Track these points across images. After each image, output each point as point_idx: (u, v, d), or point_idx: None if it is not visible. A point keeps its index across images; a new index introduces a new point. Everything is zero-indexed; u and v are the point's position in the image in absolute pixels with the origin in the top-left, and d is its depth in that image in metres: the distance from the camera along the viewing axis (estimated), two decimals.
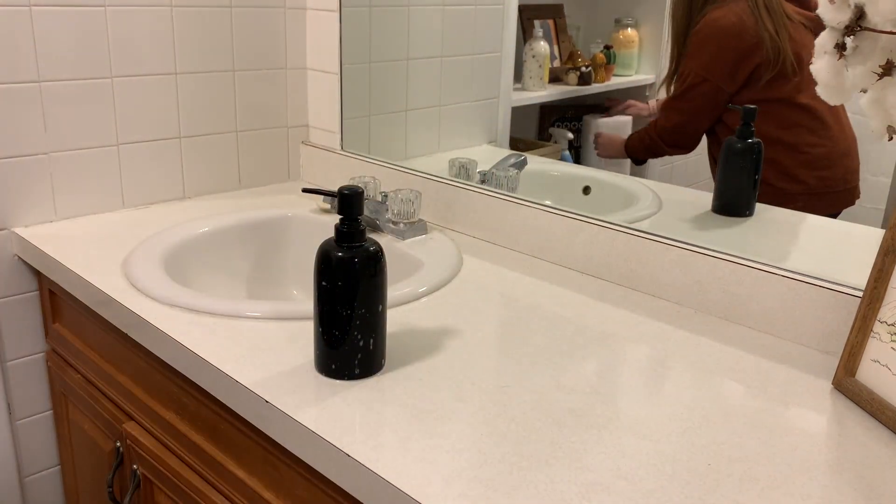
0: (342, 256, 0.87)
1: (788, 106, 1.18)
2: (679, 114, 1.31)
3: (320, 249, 0.88)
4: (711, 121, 1.26)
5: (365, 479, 0.74)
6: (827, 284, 0.99)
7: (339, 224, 0.88)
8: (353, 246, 0.87)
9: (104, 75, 1.39)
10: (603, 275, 1.21)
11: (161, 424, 1.11)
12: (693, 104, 1.29)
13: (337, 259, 0.86)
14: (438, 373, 0.91)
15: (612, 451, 0.77)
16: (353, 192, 0.87)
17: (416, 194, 1.35)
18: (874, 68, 0.77)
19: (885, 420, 0.83)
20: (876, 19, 0.76)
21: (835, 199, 1.19)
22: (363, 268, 0.87)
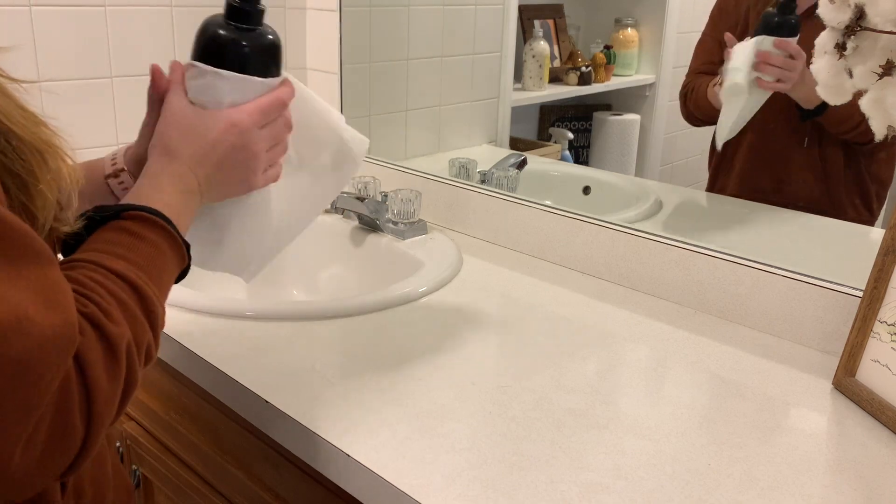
0: (227, 37, 0.69)
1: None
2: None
3: (202, 24, 0.72)
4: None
5: (365, 479, 0.74)
6: (827, 284, 0.98)
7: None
8: (247, 28, 0.70)
9: (104, 75, 1.39)
10: (603, 275, 1.21)
11: (161, 424, 1.11)
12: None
13: (219, 39, 0.69)
14: (438, 372, 0.91)
15: (612, 451, 0.77)
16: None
17: (416, 194, 1.35)
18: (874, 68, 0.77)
19: (885, 420, 0.83)
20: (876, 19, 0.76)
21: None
22: (254, 59, 0.70)
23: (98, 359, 0.51)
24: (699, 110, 1.28)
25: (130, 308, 0.56)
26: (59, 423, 0.48)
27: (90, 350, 0.50)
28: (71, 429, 0.49)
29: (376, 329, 1.03)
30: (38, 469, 0.48)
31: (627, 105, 1.49)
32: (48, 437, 0.47)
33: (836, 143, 1.15)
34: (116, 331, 0.53)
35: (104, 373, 0.51)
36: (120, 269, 0.57)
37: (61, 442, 0.48)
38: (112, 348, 0.52)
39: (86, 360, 0.50)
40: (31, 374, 0.45)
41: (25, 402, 0.45)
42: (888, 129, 0.79)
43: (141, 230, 0.62)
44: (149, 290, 0.58)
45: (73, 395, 0.48)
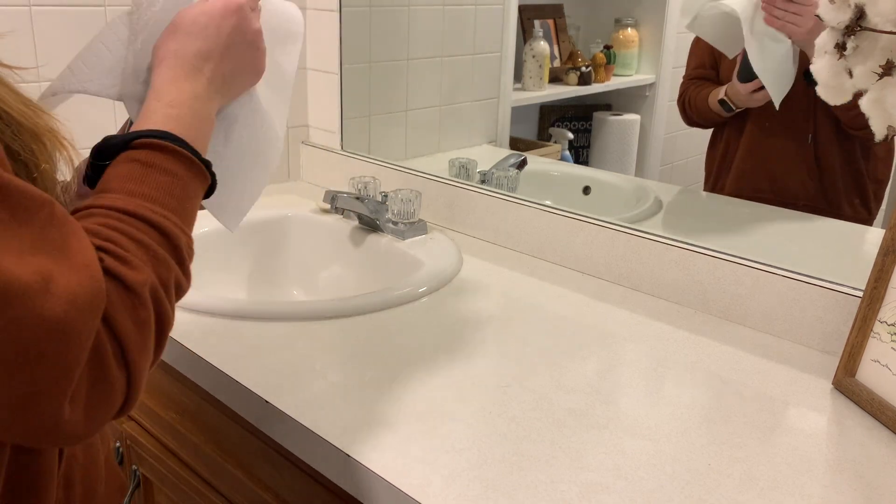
0: None
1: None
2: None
3: None
4: None
5: (365, 479, 0.74)
6: (827, 284, 0.98)
7: None
8: None
9: None
10: (603, 275, 1.21)
11: (161, 425, 1.11)
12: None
13: None
14: (438, 372, 0.91)
15: (612, 451, 0.77)
16: None
17: (416, 194, 1.35)
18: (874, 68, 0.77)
19: (885, 420, 0.83)
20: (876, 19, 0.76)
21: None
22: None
23: (122, 310, 0.50)
24: (697, 114, 1.28)
25: (151, 248, 0.54)
26: (98, 377, 0.49)
27: (112, 303, 0.50)
28: (111, 380, 0.50)
29: (376, 329, 1.03)
30: (86, 420, 0.49)
31: (627, 105, 1.49)
32: (90, 391, 0.49)
33: (833, 142, 1.15)
34: (137, 277, 0.52)
35: (132, 322, 0.51)
36: (134, 208, 0.55)
37: (104, 394, 0.50)
38: (135, 296, 0.51)
39: (110, 314, 0.50)
40: (66, 332, 0.45)
41: (65, 359, 0.46)
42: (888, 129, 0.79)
43: (152, 158, 0.58)
44: (168, 223, 0.56)
45: (105, 350, 0.49)
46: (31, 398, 0.45)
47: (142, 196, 0.57)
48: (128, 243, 0.53)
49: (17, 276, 0.43)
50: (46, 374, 0.45)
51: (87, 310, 0.46)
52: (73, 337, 0.46)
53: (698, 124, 1.30)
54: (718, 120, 1.25)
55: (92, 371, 0.48)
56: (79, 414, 0.48)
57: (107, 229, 0.53)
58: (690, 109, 1.29)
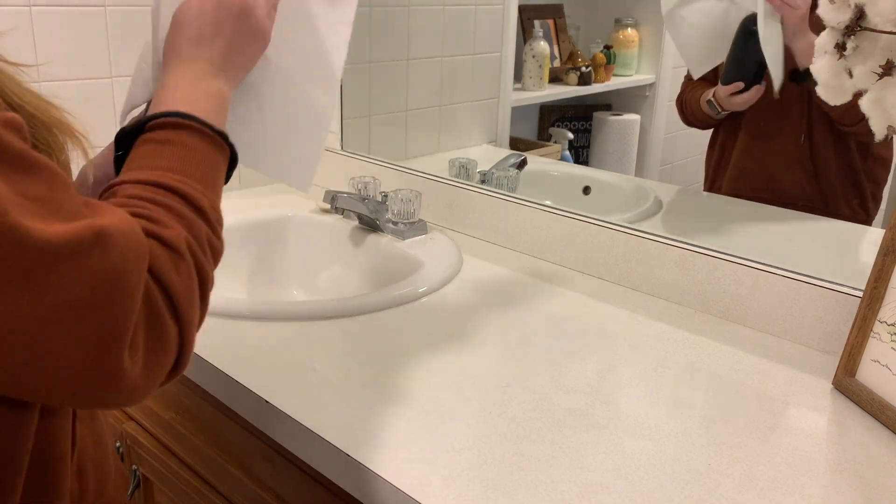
0: None
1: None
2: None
3: None
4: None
5: (365, 479, 0.74)
6: (827, 284, 0.98)
7: None
8: None
9: (104, 75, 1.39)
10: (603, 275, 1.21)
11: (161, 425, 1.11)
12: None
13: None
14: (439, 372, 0.91)
15: (612, 451, 0.77)
16: None
17: (416, 194, 1.35)
18: (874, 68, 0.77)
19: (885, 420, 0.83)
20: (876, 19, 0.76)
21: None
22: None
23: (165, 263, 0.53)
24: (695, 118, 1.29)
25: (177, 209, 0.57)
26: (153, 328, 0.51)
27: (155, 258, 0.52)
28: (166, 331, 0.52)
29: (376, 329, 1.03)
30: (145, 373, 0.51)
31: (627, 105, 1.49)
32: (147, 343, 0.50)
33: (829, 142, 1.15)
34: (172, 233, 0.54)
35: (176, 274, 0.53)
36: (155, 178, 0.58)
37: (161, 344, 0.52)
38: (174, 250, 0.54)
39: (155, 267, 0.52)
40: (120, 281, 0.47)
41: (121, 309, 0.48)
42: (888, 129, 0.79)
43: (167, 136, 0.62)
44: (187, 188, 0.59)
45: (157, 300, 0.51)
46: (94, 349, 0.47)
47: (160, 168, 0.59)
48: (155, 207, 0.56)
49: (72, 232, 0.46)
50: (106, 322, 0.47)
51: (135, 259, 0.49)
52: (126, 285, 0.48)
53: (694, 124, 1.30)
54: (710, 121, 1.26)
55: (147, 322, 0.50)
56: (138, 367, 0.50)
57: (133, 198, 0.56)
58: (686, 109, 1.30)
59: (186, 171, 0.60)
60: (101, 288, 0.47)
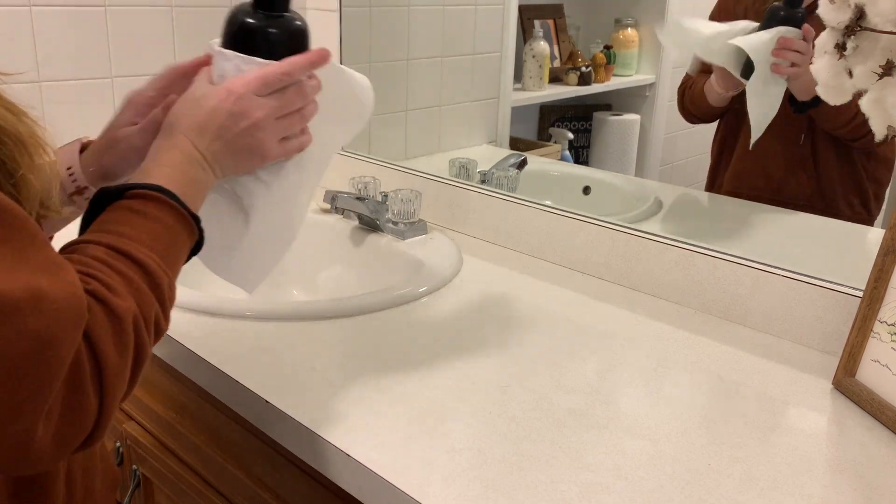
0: (255, 25, 0.70)
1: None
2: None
3: (230, 12, 0.72)
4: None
5: (365, 479, 0.74)
6: (827, 284, 0.98)
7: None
8: (275, 15, 0.70)
9: (104, 75, 1.39)
10: (603, 275, 1.21)
11: (161, 424, 1.11)
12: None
13: (247, 27, 0.70)
14: (438, 372, 0.91)
15: (612, 451, 0.77)
16: None
17: (416, 194, 1.35)
18: (874, 68, 0.77)
19: (885, 420, 0.83)
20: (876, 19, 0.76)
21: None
22: (282, 45, 0.70)
23: (105, 333, 0.52)
24: (694, 105, 1.29)
25: (134, 282, 0.56)
26: (73, 397, 0.49)
27: (97, 324, 0.51)
28: (85, 402, 0.50)
29: (376, 329, 1.03)
30: (55, 443, 0.49)
31: (627, 105, 1.49)
32: (63, 412, 0.49)
33: (830, 142, 1.15)
34: (121, 304, 0.53)
35: (112, 346, 0.52)
36: (121, 245, 0.58)
37: (77, 416, 0.50)
38: (118, 321, 0.53)
39: (93, 334, 0.51)
40: (49, 347, 0.46)
41: (46, 376, 0.46)
42: (888, 130, 0.79)
43: (144, 208, 0.62)
44: (152, 262, 0.59)
45: (84, 369, 0.50)
46: (8, 412, 0.45)
47: (130, 238, 0.59)
48: (113, 274, 0.55)
49: (8, 290, 0.44)
50: (26, 389, 0.46)
51: (69, 325, 0.47)
52: (55, 352, 0.46)
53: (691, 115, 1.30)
54: (713, 111, 1.25)
55: (68, 390, 0.49)
56: (49, 435, 0.48)
57: (93, 260, 0.56)
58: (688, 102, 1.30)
59: (154, 246, 0.60)
60: (31, 352, 0.45)
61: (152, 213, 0.62)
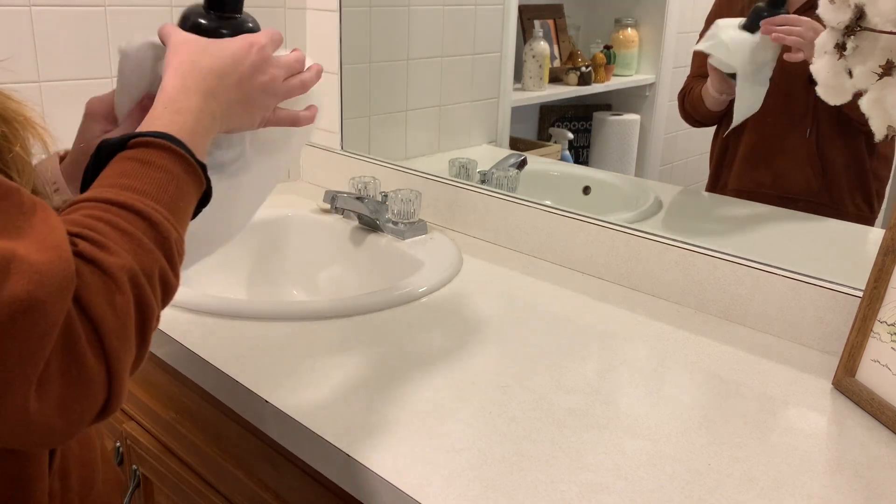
0: (207, 26, 0.70)
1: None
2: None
3: (183, 12, 0.72)
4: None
5: (365, 479, 0.74)
6: (827, 284, 0.98)
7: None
8: (226, 16, 0.71)
9: (104, 75, 1.38)
10: (603, 275, 1.21)
11: (161, 424, 1.11)
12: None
13: (200, 27, 0.70)
14: (438, 372, 0.91)
15: (612, 451, 0.77)
16: None
17: (416, 194, 1.35)
18: (874, 68, 0.77)
19: (885, 420, 0.83)
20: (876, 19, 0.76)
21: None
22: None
23: (98, 293, 0.49)
24: (694, 110, 1.29)
25: (135, 236, 0.53)
26: (70, 365, 0.47)
27: (86, 287, 0.48)
28: (86, 369, 0.48)
29: (376, 329, 1.03)
30: (61, 414, 0.47)
31: (627, 105, 1.49)
32: (63, 381, 0.47)
33: (836, 137, 1.15)
34: (113, 261, 0.50)
35: (108, 306, 0.49)
36: (123, 199, 0.55)
37: (80, 384, 0.47)
38: (112, 280, 0.50)
39: (84, 298, 0.48)
40: (32, 313, 0.44)
41: (29, 342, 0.44)
42: (888, 129, 0.79)
43: (149, 156, 0.58)
44: (157, 215, 0.55)
45: (78, 334, 0.47)
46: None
47: (133, 190, 0.56)
48: (109, 230, 0.52)
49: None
50: (9, 359, 0.44)
51: (53, 290, 0.45)
52: (38, 318, 0.44)
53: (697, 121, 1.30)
54: (712, 114, 1.26)
55: (63, 358, 0.46)
56: (50, 407, 0.46)
57: (89, 218, 0.53)
58: (689, 106, 1.30)
59: (161, 198, 0.57)
60: (10, 319, 0.43)
61: (158, 162, 0.58)
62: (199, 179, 0.62)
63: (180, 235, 0.58)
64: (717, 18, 1.24)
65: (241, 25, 0.71)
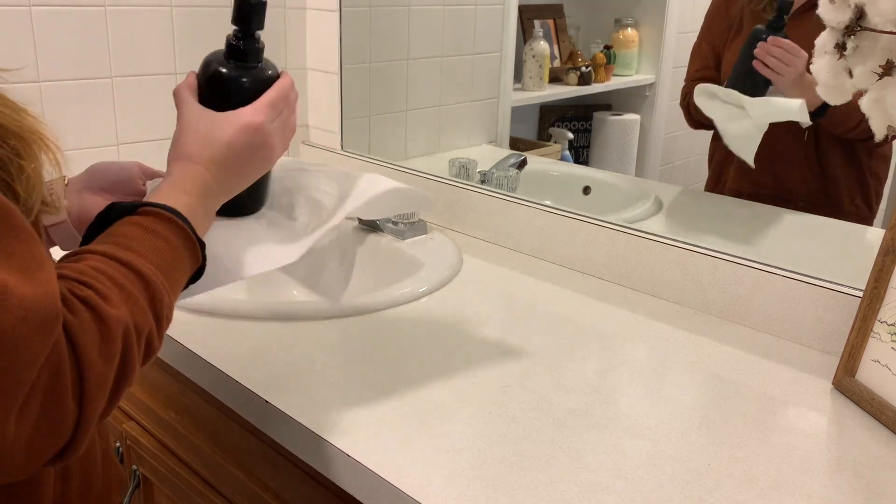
0: (228, 75, 0.71)
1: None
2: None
3: (203, 62, 0.74)
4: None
5: (365, 479, 0.74)
6: (827, 284, 0.98)
7: (231, 36, 0.72)
8: (248, 66, 0.72)
9: (104, 75, 1.38)
10: (603, 275, 1.21)
11: (161, 424, 1.11)
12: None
13: (221, 77, 0.71)
14: (438, 372, 0.91)
15: (612, 451, 0.77)
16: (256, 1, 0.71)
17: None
18: (874, 68, 0.77)
19: (885, 420, 0.83)
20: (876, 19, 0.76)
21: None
22: (256, 93, 0.72)
23: (92, 340, 0.50)
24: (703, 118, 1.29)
25: (132, 294, 0.55)
26: (51, 402, 0.48)
27: (83, 331, 0.50)
28: (63, 408, 0.48)
29: (376, 329, 1.03)
30: (29, 447, 0.47)
31: (627, 105, 1.49)
32: (40, 415, 0.47)
33: (835, 140, 1.15)
34: (113, 313, 0.52)
35: (98, 354, 0.50)
36: (125, 257, 0.57)
37: (54, 421, 0.48)
38: (107, 329, 0.52)
39: (78, 340, 0.49)
40: (16, 346, 0.45)
41: (11, 376, 0.45)
42: (888, 129, 0.79)
43: (154, 225, 0.62)
44: (155, 279, 0.58)
45: (65, 375, 0.48)
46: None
47: (136, 252, 0.59)
48: (111, 284, 0.54)
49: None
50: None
51: (37, 328, 0.46)
52: (21, 353, 0.45)
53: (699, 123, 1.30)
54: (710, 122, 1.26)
55: (46, 394, 0.47)
56: (24, 437, 0.46)
57: (93, 269, 0.55)
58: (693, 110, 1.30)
59: (159, 264, 0.59)
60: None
61: (161, 231, 0.62)
62: (195, 255, 0.66)
63: (171, 301, 0.61)
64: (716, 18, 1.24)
65: (260, 74, 0.72)
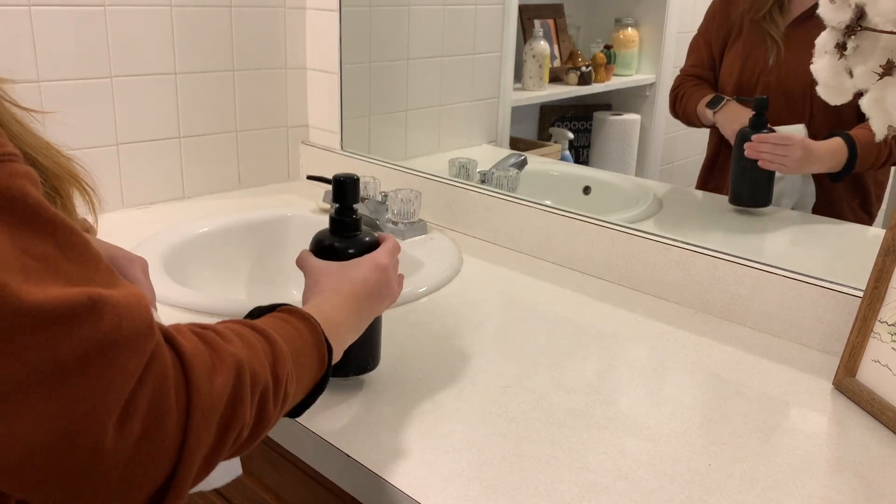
0: (336, 247, 0.85)
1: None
2: None
3: (314, 240, 0.87)
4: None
5: (365, 479, 0.74)
6: (827, 284, 0.98)
7: (333, 213, 0.86)
8: (349, 236, 0.86)
9: (104, 75, 1.38)
10: (603, 275, 1.21)
11: None
12: None
13: (331, 249, 0.84)
14: (438, 373, 0.91)
15: (612, 451, 0.77)
16: (347, 180, 0.85)
17: (416, 194, 1.35)
18: (874, 68, 0.77)
19: (885, 420, 0.83)
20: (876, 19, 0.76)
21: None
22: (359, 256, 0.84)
23: (202, 363, 0.50)
24: (686, 118, 1.30)
25: (254, 344, 0.57)
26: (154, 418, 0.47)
27: (195, 355, 0.50)
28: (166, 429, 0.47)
29: None
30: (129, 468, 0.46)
31: (627, 105, 1.49)
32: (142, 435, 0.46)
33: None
34: (226, 347, 0.53)
35: (206, 379, 0.50)
36: (255, 323, 0.61)
37: (155, 442, 0.47)
38: (220, 359, 0.52)
39: (188, 361, 0.49)
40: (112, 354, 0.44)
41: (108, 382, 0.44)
42: (888, 129, 0.79)
43: (289, 318, 0.67)
44: (282, 345, 0.60)
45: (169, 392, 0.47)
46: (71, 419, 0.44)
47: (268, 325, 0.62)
48: (233, 334, 0.56)
49: (66, 297, 0.43)
50: (88, 395, 0.44)
51: (131, 335, 0.46)
52: (117, 360, 0.45)
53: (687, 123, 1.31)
54: (698, 124, 1.27)
55: (150, 406, 0.46)
56: (123, 454, 0.45)
57: (218, 324, 0.58)
58: (679, 107, 1.30)
59: (287, 340, 0.62)
60: (89, 358, 0.44)
61: (296, 324, 0.66)
62: (322, 358, 0.68)
63: (292, 377, 0.62)
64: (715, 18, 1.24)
65: (362, 241, 0.85)
